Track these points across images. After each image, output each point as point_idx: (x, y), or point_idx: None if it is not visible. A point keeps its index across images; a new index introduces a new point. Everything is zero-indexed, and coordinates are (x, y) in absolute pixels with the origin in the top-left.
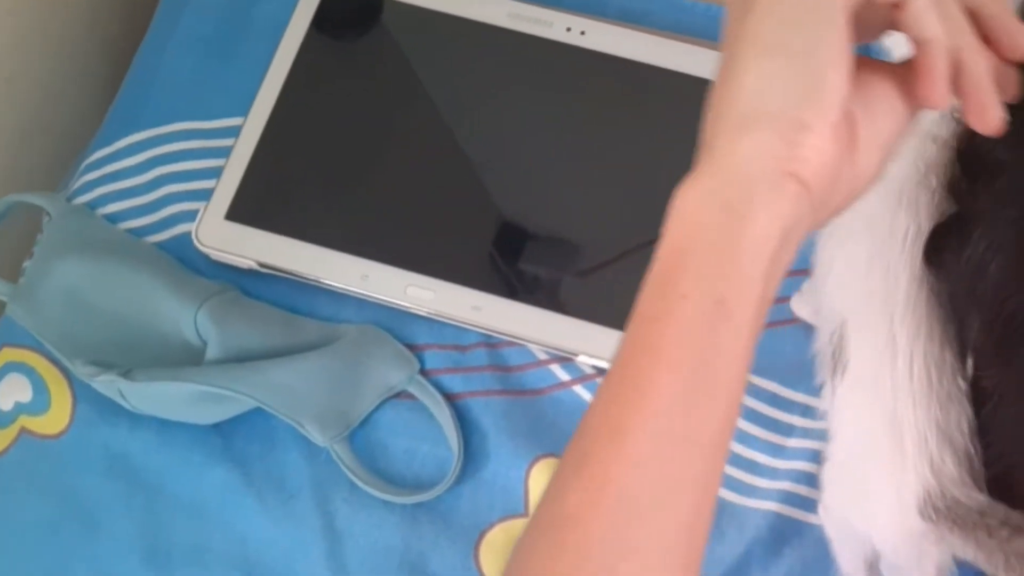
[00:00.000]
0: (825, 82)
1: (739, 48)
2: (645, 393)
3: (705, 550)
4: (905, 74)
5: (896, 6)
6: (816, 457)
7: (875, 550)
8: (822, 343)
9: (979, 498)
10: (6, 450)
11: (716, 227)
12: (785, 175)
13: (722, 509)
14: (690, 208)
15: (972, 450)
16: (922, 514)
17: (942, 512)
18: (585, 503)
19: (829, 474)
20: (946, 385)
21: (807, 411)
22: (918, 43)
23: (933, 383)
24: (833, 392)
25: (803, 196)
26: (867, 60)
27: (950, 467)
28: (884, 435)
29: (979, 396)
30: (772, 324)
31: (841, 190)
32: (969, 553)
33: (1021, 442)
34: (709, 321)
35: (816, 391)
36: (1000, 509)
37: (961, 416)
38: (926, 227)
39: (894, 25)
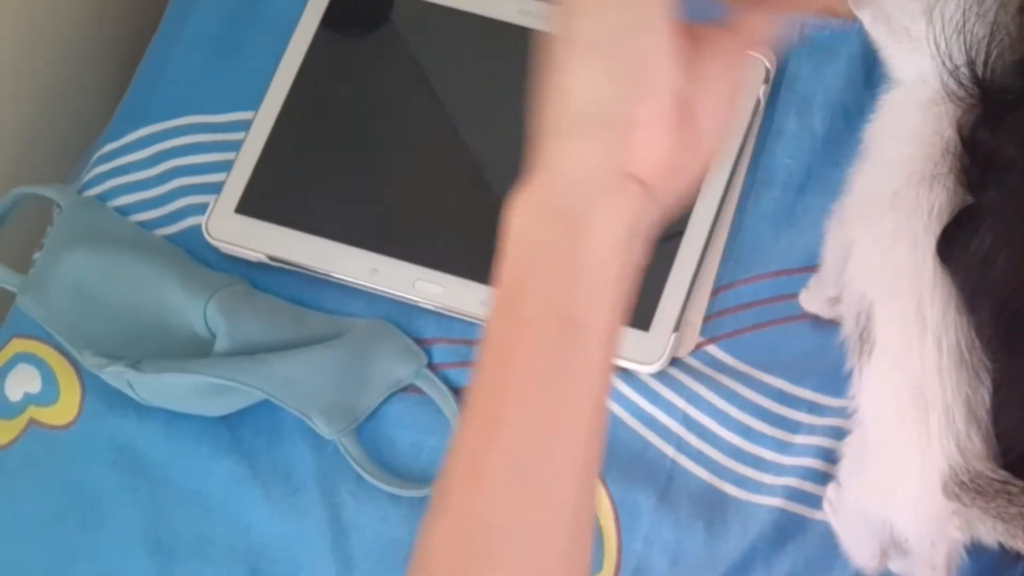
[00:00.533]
0: (652, 77)
1: (564, 52)
2: (497, 426)
3: (709, 545)
4: (728, 32)
5: None
6: (822, 454)
7: (891, 536)
8: (848, 328)
9: (1002, 472)
10: (15, 440)
11: (555, 241)
12: (621, 176)
13: (727, 505)
14: (525, 223)
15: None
16: (946, 491)
17: (966, 486)
18: (449, 544)
19: (848, 458)
20: (975, 360)
21: (813, 408)
22: None
23: (965, 357)
24: (860, 373)
25: (642, 194)
26: (691, 30)
27: (976, 443)
28: (910, 410)
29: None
30: (778, 320)
31: (684, 174)
32: (988, 525)
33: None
34: (558, 343)
35: (822, 388)
36: (1020, 482)
37: (987, 393)
38: (947, 206)
39: None
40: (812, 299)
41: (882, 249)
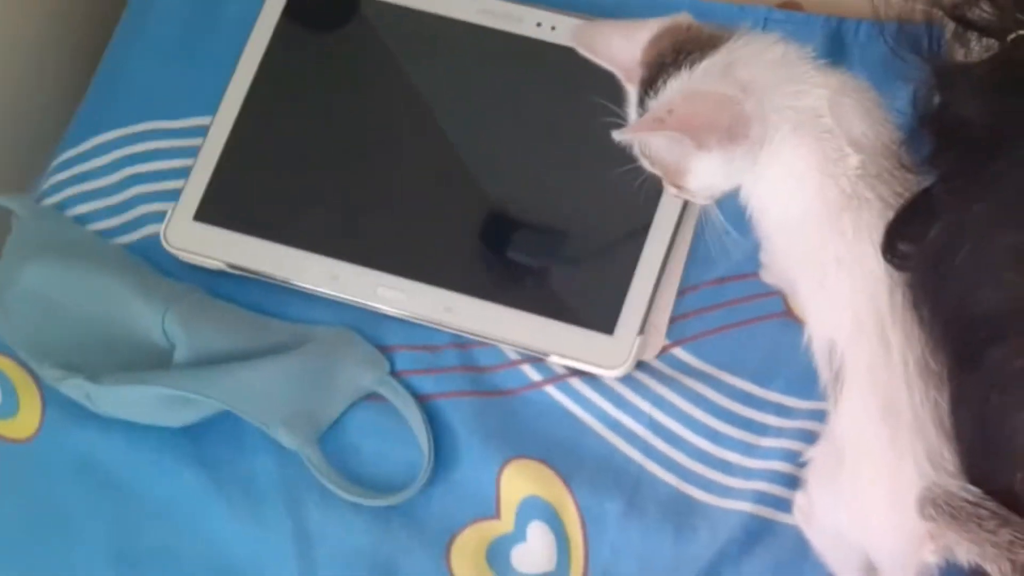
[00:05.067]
0: None
1: None
2: None
3: (677, 551)
4: None
5: None
6: (791, 457)
7: (865, 557)
8: (824, 374)
9: (973, 490)
10: None
11: None
12: None
13: (695, 510)
14: None
15: None
16: (922, 512)
17: (941, 508)
18: None
19: (819, 479)
20: (940, 367)
21: (781, 410)
22: None
23: (931, 367)
24: (835, 406)
25: None
26: None
27: (947, 456)
28: (882, 427)
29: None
30: (746, 322)
31: None
32: (963, 549)
33: (982, 448)
34: None
35: (789, 390)
36: (991, 502)
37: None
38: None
39: None
40: (769, 275)
41: (827, 286)
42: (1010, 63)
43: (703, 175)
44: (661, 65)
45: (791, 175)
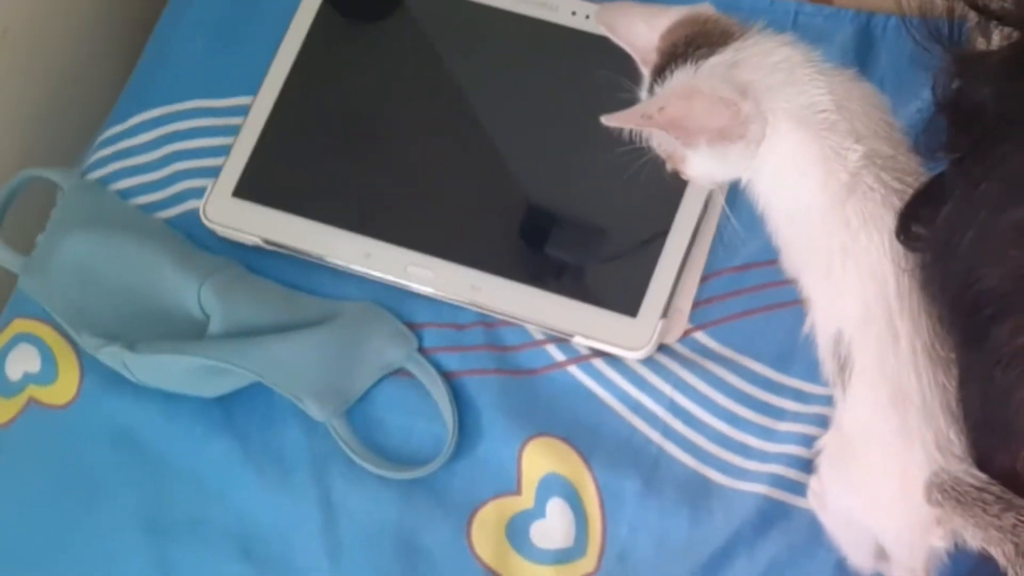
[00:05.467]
0: None
1: None
2: None
3: (693, 531)
4: None
5: None
6: (807, 441)
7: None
8: (827, 367)
9: (978, 474)
10: (14, 419)
11: None
12: None
13: (712, 491)
14: None
15: None
16: (929, 498)
17: (948, 493)
18: None
19: (830, 465)
20: (947, 353)
21: (799, 395)
22: None
23: (938, 353)
24: (843, 395)
25: None
26: None
27: (955, 441)
28: (891, 412)
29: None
30: (767, 307)
31: None
32: (970, 533)
33: (987, 426)
34: None
35: (807, 375)
36: (996, 486)
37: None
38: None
39: None
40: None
41: (834, 277)
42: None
43: (697, 167)
44: (673, 55)
45: (793, 168)
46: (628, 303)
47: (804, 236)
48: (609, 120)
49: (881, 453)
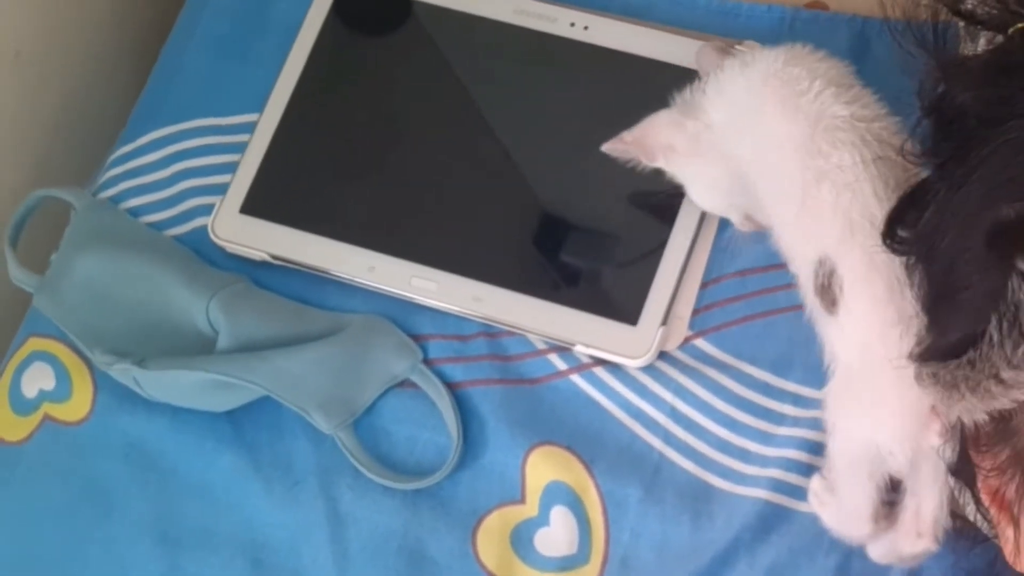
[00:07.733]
0: None
1: None
2: None
3: (694, 536)
4: None
5: None
6: (806, 446)
7: (883, 473)
8: (806, 292)
9: None
10: (31, 436)
11: None
12: None
13: (712, 496)
14: None
15: None
16: (919, 380)
17: (935, 376)
18: None
19: (835, 397)
20: None
21: (798, 400)
22: None
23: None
24: (829, 326)
25: None
26: None
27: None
28: (886, 307)
29: None
30: (766, 313)
31: None
32: (964, 405)
33: None
34: None
35: (806, 380)
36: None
37: None
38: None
39: None
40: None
41: (809, 205)
42: (1005, 52)
43: (689, 187)
44: None
45: (759, 112)
46: (628, 312)
47: (777, 179)
48: (605, 147)
49: (881, 353)
